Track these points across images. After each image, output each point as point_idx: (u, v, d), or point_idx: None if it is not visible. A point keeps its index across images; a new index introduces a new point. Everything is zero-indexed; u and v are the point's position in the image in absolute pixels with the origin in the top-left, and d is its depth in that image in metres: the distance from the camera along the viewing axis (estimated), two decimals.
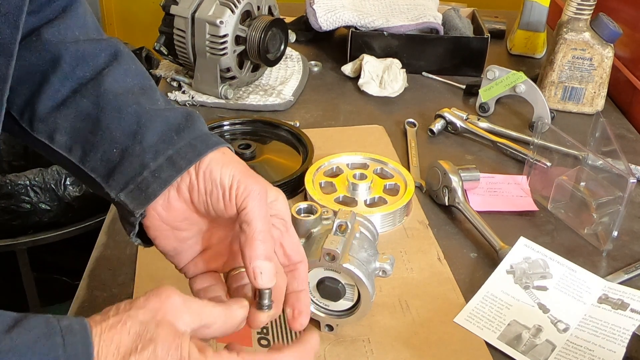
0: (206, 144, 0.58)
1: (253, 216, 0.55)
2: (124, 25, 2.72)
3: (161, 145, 0.58)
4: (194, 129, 0.59)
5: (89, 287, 0.79)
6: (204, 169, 0.57)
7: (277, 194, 0.60)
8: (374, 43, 1.34)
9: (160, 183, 0.57)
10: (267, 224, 0.56)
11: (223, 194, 0.57)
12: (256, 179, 0.57)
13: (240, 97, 1.23)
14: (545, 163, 1.01)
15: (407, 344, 0.73)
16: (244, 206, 0.56)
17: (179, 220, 0.59)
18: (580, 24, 1.19)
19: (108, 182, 0.58)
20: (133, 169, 0.57)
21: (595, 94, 1.23)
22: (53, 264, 1.67)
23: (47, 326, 0.45)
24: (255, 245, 0.55)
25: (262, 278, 0.55)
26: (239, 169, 0.57)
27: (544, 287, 0.82)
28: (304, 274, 0.62)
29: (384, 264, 0.71)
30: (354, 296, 0.71)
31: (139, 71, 0.64)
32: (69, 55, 0.60)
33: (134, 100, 0.60)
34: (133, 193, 0.57)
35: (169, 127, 0.59)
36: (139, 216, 0.58)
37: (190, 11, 1.14)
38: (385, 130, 1.15)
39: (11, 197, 1.45)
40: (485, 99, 1.21)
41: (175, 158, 0.57)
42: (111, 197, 0.58)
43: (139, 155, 0.57)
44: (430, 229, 0.92)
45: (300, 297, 0.61)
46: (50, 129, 0.59)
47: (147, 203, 0.57)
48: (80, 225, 1.52)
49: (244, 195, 0.56)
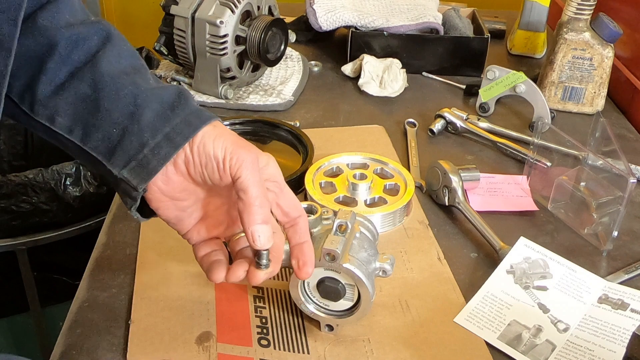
0: (200, 119, 0.62)
1: (248, 184, 0.60)
2: (124, 25, 2.71)
3: (158, 124, 0.61)
4: (187, 106, 0.63)
5: (89, 287, 0.79)
6: (197, 144, 0.61)
7: (268, 159, 0.64)
8: (374, 43, 1.34)
9: (159, 159, 0.60)
10: (261, 189, 0.61)
11: (217, 165, 0.61)
12: (247, 149, 0.61)
13: (240, 97, 1.23)
14: (545, 163, 1.01)
15: (407, 344, 0.73)
16: (238, 175, 0.60)
17: (178, 192, 0.64)
18: (580, 24, 1.19)
19: (110, 160, 0.61)
20: (133, 148, 0.60)
21: (595, 94, 1.23)
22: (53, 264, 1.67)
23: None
24: (253, 210, 0.60)
25: (260, 240, 0.60)
26: (231, 140, 0.61)
27: (544, 287, 0.82)
28: (304, 227, 0.67)
29: (384, 264, 0.71)
30: (354, 296, 0.71)
31: (130, 51, 0.67)
32: (64, 40, 0.62)
33: (130, 81, 0.63)
34: (135, 170, 0.61)
35: (164, 105, 0.62)
36: (142, 191, 0.61)
37: (191, 11, 1.14)
38: (385, 130, 1.15)
39: (11, 197, 1.45)
40: (485, 99, 1.21)
41: (172, 135, 0.61)
42: (114, 174, 0.61)
43: (137, 134, 0.61)
44: (430, 229, 0.92)
45: (303, 249, 0.66)
46: (51, 112, 0.61)
47: (149, 178, 0.61)
48: (80, 225, 1.52)
49: (237, 165, 0.60)
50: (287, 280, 0.80)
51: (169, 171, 0.62)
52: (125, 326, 0.74)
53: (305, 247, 0.66)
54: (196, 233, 0.67)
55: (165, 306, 0.76)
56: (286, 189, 0.66)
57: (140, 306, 0.76)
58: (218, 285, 0.79)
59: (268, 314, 0.76)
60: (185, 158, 0.61)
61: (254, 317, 0.76)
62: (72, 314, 0.75)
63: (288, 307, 0.77)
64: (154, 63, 1.93)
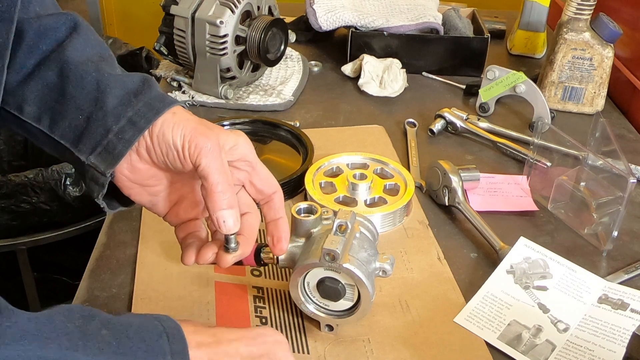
0: (163, 103, 0.62)
1: (208, 171, 0.60)
2: (124, 25, 2.71)
3: (121, 109, 0.61)
4: (150, 91, 0.63)
5: (89, 287, 0.79)
6: (157, 133, 0.61)
7: (237, 137, 0.64)
8: (374, 43, 1.34)
9: (124, 143, 0.61)
10: (223, 174, 0.61)
11: (177, 154, 0.61)
12: (207, 135, 0.61)
13: (240, 97, 1.23)
14: (545, 163, 1.01)
15: (407, 344, 0.73)
16: (197, 163, 0.60)
17: (147, 179, 0.64)
18: (580, 24, 1.19)
19: (77, 147, 0.62)
20: (99, 133, 0.61)
21: (595, 94, 1.23)
22: (53, 264, 1.67)
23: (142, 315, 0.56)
24: (215, 197, 0.60)
25: (225, 225, 0.61)
26: (190, 127, 0.61)
27: (544, 287, 0.82)
28: (279, 203, 0.68)
29: (384, 264, 0.71)
30: (354, 296, 0.71)
31: (97, 42, 0.67)
32: (32, 30, 0.63)
33: (94, 68, 0.63)
34: (102, 155, 0.61)
35: (127, 91, 0.62)
36: (109, 176, 0.62)
37: (191, 11, 1.14)
38: (385, 130, 1.15)
39: (11, 197, 1.45)
40: (485, 99, 1.21)
41: (135, 118, 0.61)
42: (81, 160, 0.62)
43: (102, 119, 0.61)
44: (430, 229, 0.92)
45: (278, 225, 0.68)
46: (19, 101, 0.62)
47: (116, 163, 0.61)
48: (80, 225, 1.52)
49: (195, 152, 0.60)
50: (287, 280, 0.80)
51: (133, 159, 0.62)
52: None
53: (280, 223, 0.68)
54: (174, 216, 0.68)
55: (165, 306, 0.76)
56: (259, 166, 0.66)
57: (140, 306, 0.76)
58: (218, 285, 0.79)
59: (268, 314, 0.76)
60: (146, 147, 0.62)
61: (254, 317, 0.75)
62: None
63: (288, 307, 0.77)
64: (154, 63, 1.93)
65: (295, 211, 0.74)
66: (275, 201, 0.68)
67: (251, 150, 0.66)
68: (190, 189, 0.68)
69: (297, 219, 0.73)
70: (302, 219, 0.73)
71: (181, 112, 0.63)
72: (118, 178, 0.63)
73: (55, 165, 1.49)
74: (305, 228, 0.73)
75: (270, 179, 0.67)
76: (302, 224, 0.73)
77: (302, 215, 0.74)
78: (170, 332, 0.56)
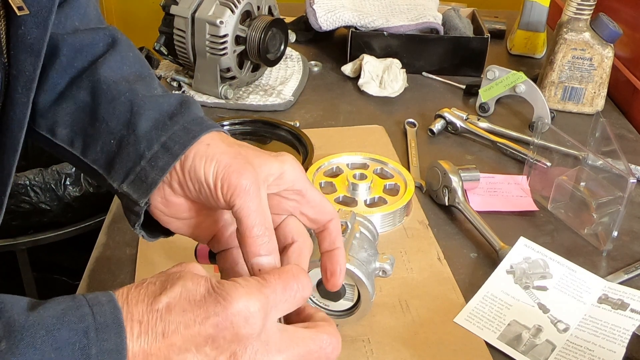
0: (201, 127, 0.57)
1: (242, 214, 0.53)
2: (124, 25, 2.71)
3: (154, 133, 0.56)
4: (188, 114, 0.58)
5: (89, 287, 0.79)
6: (188, 168, 0.55)
7: (282, 165, 0.56)
8: (374, 43, 1.34)
9: (158, 171, 0.56)
10: (260, 216, 0.53)
11: (210, 192, 0.55)
12: (242, 172, 0.53)
13: (240, 97, 1.23)
14: (545, 163, 1.01)
15: (407, 344, 0.73)
16: (232, 204, 0.53)
17: (183, 212, 0.58)
18: (580, 24, 1.19)
19: (110, 174, 0.57)
20: (131, 160, 0.56)
21: (595, 94, 1.23)
22: (53, 264, 1.67)
23: (74, 300, 0.44)
24: (249, 243, 0.53)
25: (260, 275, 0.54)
26: (224, 162, 0.54)
27: (544, 287, 0.82)
28: (335, 231, 0.59)
29: (384, 264, 0.71)
30: (354, 296, 0.71)
31: (137, 59, 0.63)
32: (66, 47, 0.60)
33: (128, 88, 0.59)
34: (135, 183, 0.56)
35: (162, 113, 0.58)
36: (144, 205, 0.56)
37: (190, 11, 1.14)
38: (385, 130, 1.15)
39: (11, 197, 1.45)
40: (485, 99, 1.21)
41: (169, 144, 0.56)
42: (114, 188, 0.57)
43: (134, 144, 0.56)
44: (430, 229, 0.92)
45: (333, 257, 0.59)
46: (51, 123, 0.59)
47: (149, 192, 0.56)
48: (80, 225, 1.52)
49: (229, 193, 0.53)
50: None
51: (167, 193, 0.57)
52: None
53: (336, 255, 0.59)
54: (216, 243, 0.61)
55: None
56: (310, 193, 0.59)
57: None
58: None
59: None
60: (179, 181, 0.56)
61: None
62: None
63: None
64: (154, 63, 1.93)
65: None
66: (331, 230, 0.59)
67: (300, 176, 0.58)
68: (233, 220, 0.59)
69: None
70: None
71: (216, 142, 0.56)
72: (153, 212, 0.57)
73: (55, 165, 1.49)
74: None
75: (324, 206, 0.59)
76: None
77: None
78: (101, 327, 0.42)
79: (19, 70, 0.53)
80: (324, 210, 0.59)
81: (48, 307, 0.42)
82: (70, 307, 0.42)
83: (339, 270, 0.59)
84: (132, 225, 0.59)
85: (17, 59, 0.53)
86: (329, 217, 0.59)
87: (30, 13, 0.52)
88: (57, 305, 0.43)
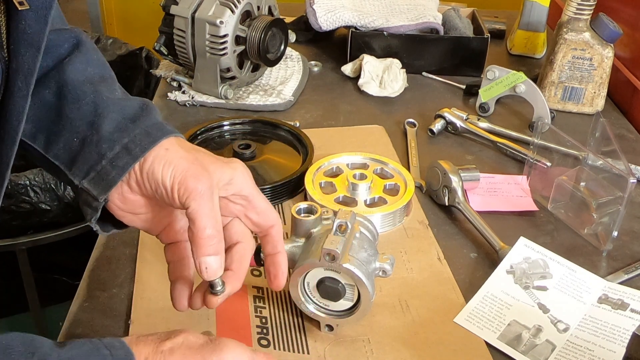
0: (161, 132, 0.61)
1: (196, 216, 0.58)
2: (124, 25, 2.71)
3: (117, 135, 0.60)
4: (149, 118, 0.62)
5: (89, 287, 0.79)
6: (147, 169, 0.59)
7: (232, 172, 0.62)
8: (374, 43, 1.34)
9: (118, 171, 0.59)
10: (212, 219, 0.58)
11: (166, 193, 0.59)
12: (198, 177, 0.58)
13: (240, 97, 1.23)
14: (545, 163, 1.01)
15: (407, 344, 0.73)
16: (187, 205, 0.58)
17: (138, 208, 0.63)
18: (580, 24, 1.19)
19: (71, 170, 0.61)
20: (92, 158, 0.60)
21: (595, 94, 1.23)
22: (53, 264, 1.67)
23: (92, 343, 0.52)
24: (200, 243, 0.58)
25: (207, 272, 0.59)
26: (181, 167, 0.59)
27: (544, 287, 0.82)
28: (277, 236, 0.66)
29: (384, 264, 0.71)
30: (354, 296, 0.71)
31: (99, 61, 0.66)
32: None
33: (92, 90, 0.62)
34: (95, 180, 0.60)
35: (125, 116, 0.61)
36: (103, 201, 0.60)
37: (190, 11, 1.14)
38: (385, 130, 1.15)
39: (11, 197, 1.45)
40: (485, 99, 1.21)
41: (130, 146, 0.60)
42: (74, 184, 0.61)
43: (96, 144, 0.60)
44: (430, 229, 0.92)
45: (275, 260, 0.65)
46: None
47: (109, 189, 0.60)
48: (80, 225, 1.52)
49: (184, 195, 0.58)
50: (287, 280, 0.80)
51: (125, 191, 0.61)
52: (125, 326, 0.74)
53: (278, 259, 0.66)
54: (165, 236, 0.66)
55: (165, 306, 0.76)
56: (257, 199, 0.64)
57: (140, 306, 0.76)
58: None
59: (268, 314, 0.76)
60: (137, 180, 0.60)
61: (253, 317, 0.75)
62: (72, 314, 0.75)
63: (288, 307, 0.77)
64: (154, 63, 1.93)
65: (295, 211, 0.74)
66: (273, 235, 0.65)
67: (248, 183, 0.63)
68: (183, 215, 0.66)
69: (297, 219, 0.73)
70: (302, 219, 0.73)
71: (175, 148, 0.61)
72: (110, 206, 0.62)
73: None
74: (305, 228, 0.73)
75: (268, 213, 0.65)
76: (302, 224, 0.73)
77: (302, 215, 0.74)
78: None
79: (18, 63, 0.55)
80: (267, 216, 0.65)
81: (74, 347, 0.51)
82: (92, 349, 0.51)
83: (281, 273, 0.66)
84: (87, 220, 0.62)
85: (17, 53, 0.55)
86: (272, 223, 0.65)
87: (30, 8, 0.53)
88: (81, 346, 0.51)
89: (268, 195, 0.93)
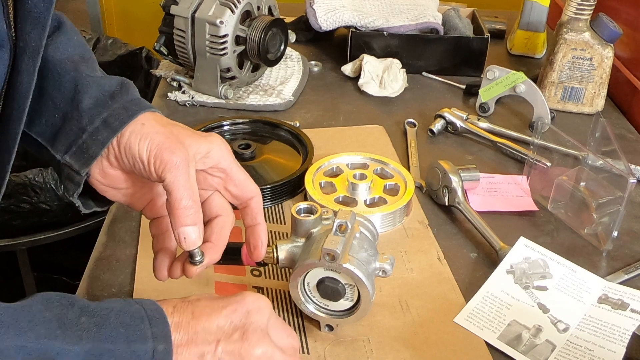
0: (138, 107, 0.63)
1: (172, 187, 0.59)
2: (124, 25, 2.71)
3: (96, 110, 0.62)
4: (127, 95, 0.63)
5: (89, 287, 0.79)
6: (124, 144, 0.61)
7: (210, 145, 0.63)
8: (374, 43, 1.34)
9: (98, 144, 0.61)
10: (188, 190, 0.60)
11: (143, 167, 0.61)
12: (173, 150, 0.60)
13: (240, 97, 1.23)
14: (545, 163, 1.01)
15: (407, 344, 0.73)
16: (163, 178, 0.60)
17: (119, 183, 0.65)
18: (580, 24, 1.19)
19: (54, 146, 0.63)
20: (73, 133, 0.62)
21: (595, 94, 1.23)
22: (53, 264, 1.67)
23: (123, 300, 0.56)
24: (177, 214, 0.60)
25: (185, 242, 0.61)
26: (157, 141, 0.60)
27: (544, 287, 0.82)
28: (256, 208, 0.67)
29: (384, 264, 0.71)
30: (354, 296, 0.71)
31: (80, 42, 0.68)
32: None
33: (73, 67, 0.64)
34: (76, 154, 0.62)
35: (104, 92, 0.63)
36: (84, 175, 0.63)
37: (190, 11, 1.14)
38: (385, 130, 1.15)
39: (11, 197, 1.45)
40: (485, 99, 1.21)
41: (109, 120, 0.61)
42: (57, 159, 0.62)
43: (77, 119, 0.62)
44: (430, 229, 0.92)
45: (255, 231, 0.67)
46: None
47: (90, 163, 0.62)
48: (80, 225, 1.52)
49: (160, 168, 0.60)
50: (287, 280, 0.80)
51: (104, 166, 0.63)
52: None
53: (257, 230, 0.67)
54: (149, 211, 0.68)
55: None
56: (235, 171, 0.66)
57: None
58: (218, 285, 0.79)
59: None
60: (115, 155, 0.62)
61: None
62: None
63: (288, 307, 0.77)
64: (154, 63, 1.93)
65: (295, 211, 0.74)
66: (252, 207, 0.67)
67: (226, 156, 0.65)
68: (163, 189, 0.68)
69: (297, 219, 0.73)
70: (302, 219, 0.73)
71: (151, 122, 0.62)
72: (92, 181, 0.64)
73: None
74: (305, 228, 0.73)
75: (247, 184, 0.66)
76: (302, 224, 0.73)
77: (302, 215, 0.74)
78: (152, 315, 0.55)
79: (25, 42, 0.56)
80: (246, 188, 0.66)
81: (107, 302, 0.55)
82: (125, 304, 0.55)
83: (260, 244, 0.67)
84: (69, 195, 0.64)
85: (23, 31, 0.56)
86: (251, 195, 0.66)
87: None
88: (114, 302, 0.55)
89: (268, 195, 0.93)
